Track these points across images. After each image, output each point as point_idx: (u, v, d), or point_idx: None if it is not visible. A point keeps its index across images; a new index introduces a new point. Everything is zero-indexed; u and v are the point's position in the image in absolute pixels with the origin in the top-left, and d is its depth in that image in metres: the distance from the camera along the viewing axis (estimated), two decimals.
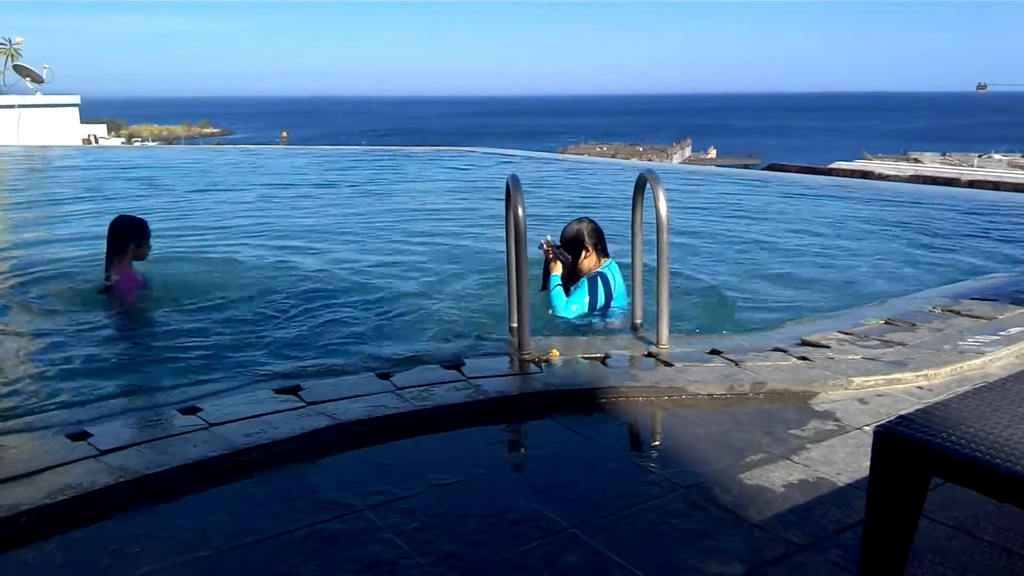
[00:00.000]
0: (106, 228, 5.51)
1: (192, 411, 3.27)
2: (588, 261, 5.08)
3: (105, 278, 5.47)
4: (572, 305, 4.96)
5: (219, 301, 5.59)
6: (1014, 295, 5.15)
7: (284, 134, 69.59)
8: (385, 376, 3.68)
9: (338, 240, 7.92)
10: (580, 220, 5.17)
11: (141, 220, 5.63)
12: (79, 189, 12.74)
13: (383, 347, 4.57)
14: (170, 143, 57.29)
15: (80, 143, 30.28)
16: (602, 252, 5.14)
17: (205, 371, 4.18)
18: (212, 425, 3.12)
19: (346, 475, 2.83)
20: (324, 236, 8.12)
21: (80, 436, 3.02)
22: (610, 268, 5.10)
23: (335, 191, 11.98)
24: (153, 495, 2.68)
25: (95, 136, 35.77)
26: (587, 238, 5.06)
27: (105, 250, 5.48)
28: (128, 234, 5.47)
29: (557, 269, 5.02)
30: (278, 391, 3.49)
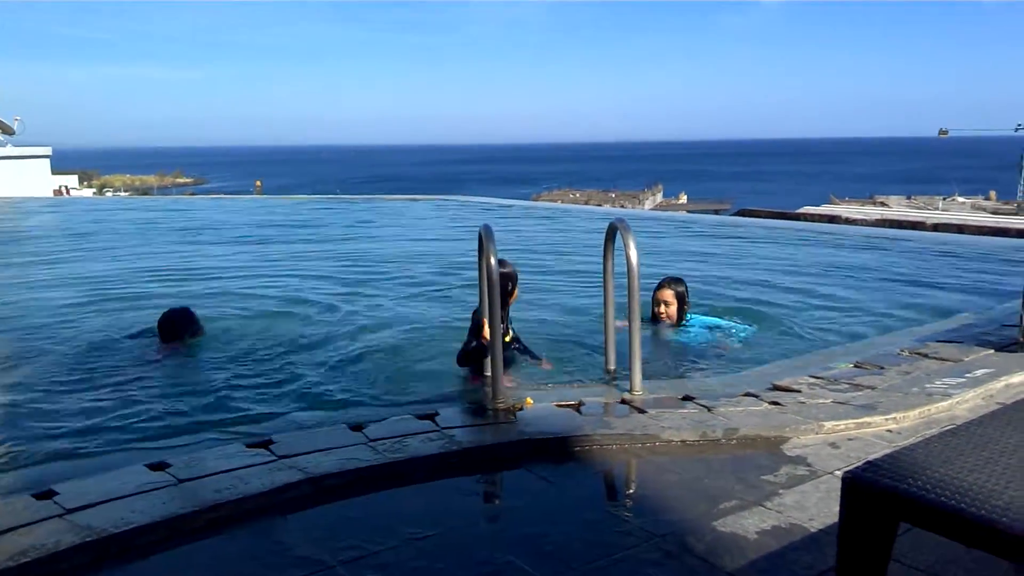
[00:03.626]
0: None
1: (161, 467, 3.22)
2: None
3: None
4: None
5: (187, 355, 5.54)
6: (979, 337, 5.24)
7: (258, 183, 69.59)
8: (358, 428, 3.65)
9: (306, 290, 7.89)
10: (681, 281, 6.16)
11: (189, 313, 5.85)
12: (58, 238, 12.65)
13: (356, 398, 4.55)
14: (143, 193, 57.10)
15: (51, 194, 30.09)
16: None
17: (175, 426, 4.14)
18: (182, 481, 3.07)
19: (318, 530, 2.79)
20: (292, 287, 8.08)
21: (46, 495, 2.96)
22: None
23: (302, 241, 11.96)
24: (120, 554, 2.63)
25: (66, 187, 35.60)
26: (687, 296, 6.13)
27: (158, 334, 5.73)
28: (185, 328, 5.76)
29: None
30: (249, 445, 3.45)
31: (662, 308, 6.05)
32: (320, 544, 2.69)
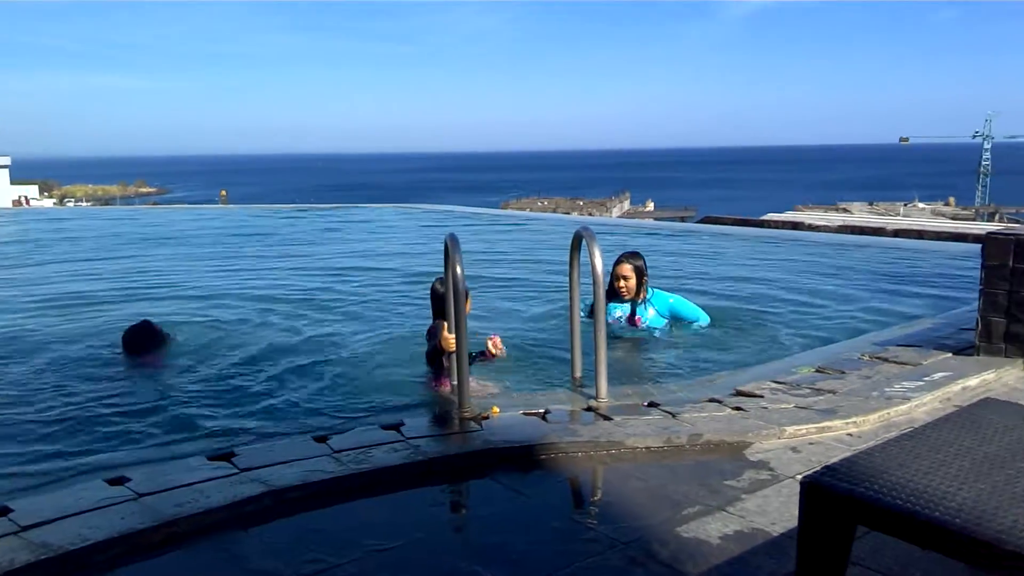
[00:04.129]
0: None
1: (120, 481, 3.16)
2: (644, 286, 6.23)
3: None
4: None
5: (149, 366, 5.46)
6: (937, 341, 5.33)
7: (223, 192, 68.93)
8: (322, 439, 3.62)
9: (271, 299, 7.80)
10: (639, 255, 6.24)
11: (148, 330, 5.74)
12: (15, 246, 12.41)
13: (321, 409, 4.51)
14: (105, 203, 56.30)
15: (11, 205, 29.57)
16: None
17: (135, 439, 4.07)
18: (141, 495, 3.02)
19: (280, 543, 2.76)
20: (256, 296, 7.99)
21: (0, 512, 2.90)
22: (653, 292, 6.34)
23: (263, 251, 11.85)
24: (77, 572, 2.57)
25: (26, 197, 35.04)
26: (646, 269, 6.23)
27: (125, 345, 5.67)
28: (143, 349, 5.64)
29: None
30: (211, 458, 3.40)
31: (621, 283, 6.14)
32: (281, 557, 2.65)
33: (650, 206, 67.69)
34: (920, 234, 13.84)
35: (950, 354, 4.98)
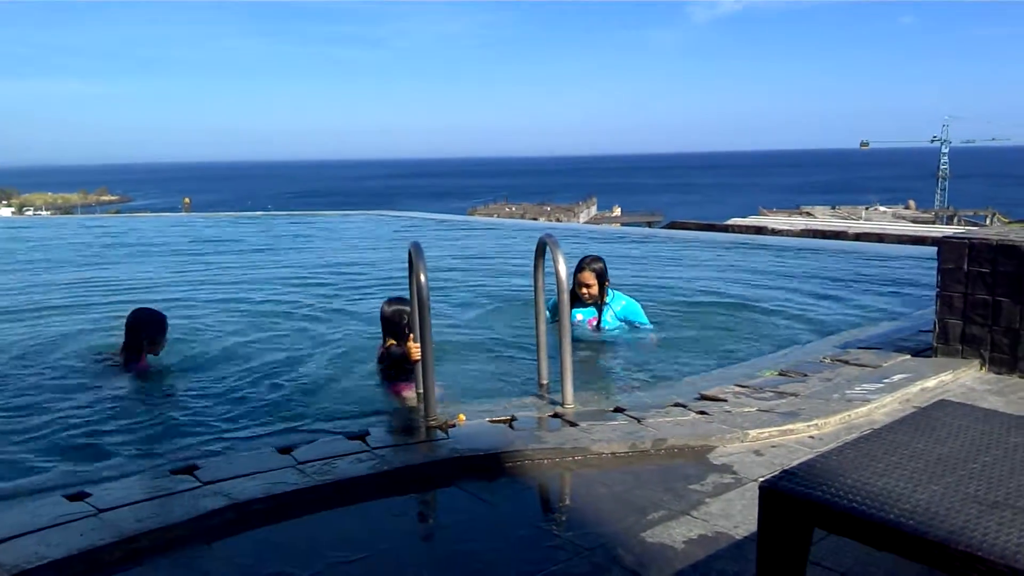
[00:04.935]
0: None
1: (80, 497, 3.12)
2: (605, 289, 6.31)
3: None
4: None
5: (109, 376, 5.37)
6: (897, 343, 5.43)
7: (187, 200, 68.13)
8: (286, 450, 3.59)
9: (233, 309, 7.71)
10: (599, 259, 6.28)
11: (158, 317, 5.56)
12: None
13: (285, 420, 4.46)
14: (66, 212, 55.36)
15: None
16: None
17: (94, 453, 3.99)
18: (102, 511, 2.98)
19: (243, 557, 2.73)
20: (217, 305, 7.89)
21: None
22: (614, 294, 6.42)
23: (229, 258, 11.72)
24: None
25: None
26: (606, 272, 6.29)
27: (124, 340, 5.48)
28: (143, 332, 5.45)
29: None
30: (173, 471, 3.37)
31: (584, 290, 6.20)
32: (244, 572, 2.63)
33: (617, 211, 68.15)
34: (881, 237, 14.08)
35: (909, 356, 5.08)
